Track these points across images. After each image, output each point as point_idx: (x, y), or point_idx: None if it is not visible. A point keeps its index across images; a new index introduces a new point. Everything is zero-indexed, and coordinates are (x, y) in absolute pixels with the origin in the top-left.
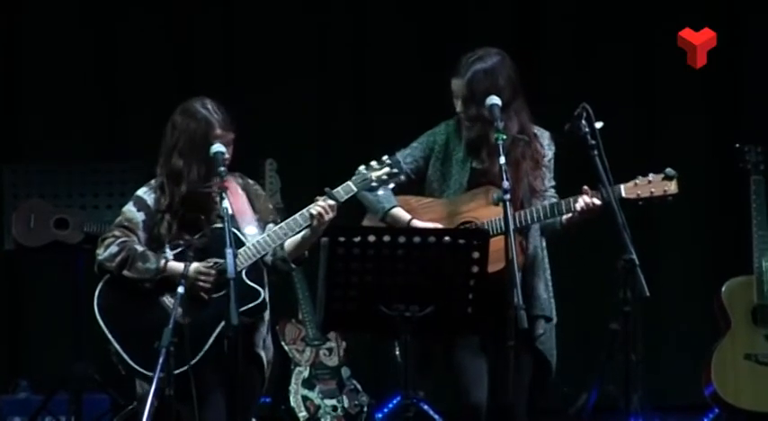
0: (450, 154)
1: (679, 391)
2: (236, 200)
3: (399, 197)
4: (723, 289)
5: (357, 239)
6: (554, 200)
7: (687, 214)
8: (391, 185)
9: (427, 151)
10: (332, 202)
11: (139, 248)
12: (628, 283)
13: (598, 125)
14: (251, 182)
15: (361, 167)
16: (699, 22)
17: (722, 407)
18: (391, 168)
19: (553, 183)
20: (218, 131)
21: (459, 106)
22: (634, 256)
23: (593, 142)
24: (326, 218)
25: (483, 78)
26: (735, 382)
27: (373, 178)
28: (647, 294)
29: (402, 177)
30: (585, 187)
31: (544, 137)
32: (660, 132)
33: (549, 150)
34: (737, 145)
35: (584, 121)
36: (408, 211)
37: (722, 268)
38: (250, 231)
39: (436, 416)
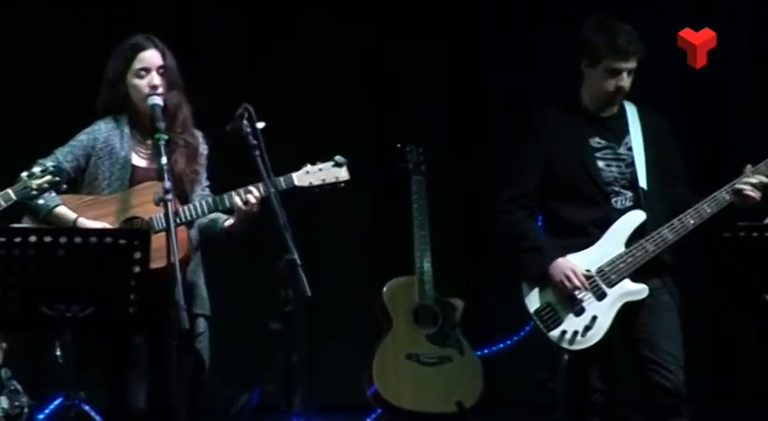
0: (112, 151)
1: (342, 391)
2: None
3: (60, 196)
4: (385, 289)
5: (18, 240)
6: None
7: (349, 214)
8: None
9: (88, 149)
10: None
11: None
12: (289, 283)
13: (260, 125)
14: None
15: (23, 174)
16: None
17: (384, 406)
18: (53, 176)
19: (208, 182)
20: None
21: (157, 79)
22: (296, 256)
23: (255, 142)
24: None
25: (175, 67)
26: (396, 382)
27: (34, 187)
28: (309, 294)
29: (64, 185)
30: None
31: (198, 135)
32: (321, 131)
33: (204, 149)
34: (399, 145)
35: (245, 121)
36: (71, 210)
37: (384, 268)
38: None
39: (97, 418)
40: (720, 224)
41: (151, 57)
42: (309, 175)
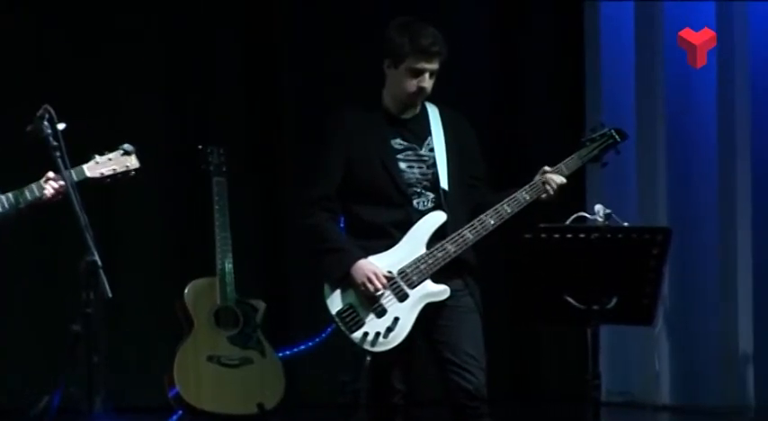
0: None
1: (145, 393)
2: None
3: None
4: (186, 290)
5: None
6: None
7: (151, 215)
8: None
9: None
10: None
11: None
12: (90, 285)
13: (61, 126)
14: None
15: None
16: None
17: (186, 408)
18: None
19: None
20: None
21: None
22: (97, 258)
23: (56, 143)
24: None
25: None
26: (197, 384)
27: None
28: (110, 295)
29: None
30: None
31: None
32: (121, 132)
33: None
34: (200, 146)
35: (46, 122)
36: None
37: (186, 269)
38: None
39: None
40: (521, 225)
41: None
42: (100, 166)
